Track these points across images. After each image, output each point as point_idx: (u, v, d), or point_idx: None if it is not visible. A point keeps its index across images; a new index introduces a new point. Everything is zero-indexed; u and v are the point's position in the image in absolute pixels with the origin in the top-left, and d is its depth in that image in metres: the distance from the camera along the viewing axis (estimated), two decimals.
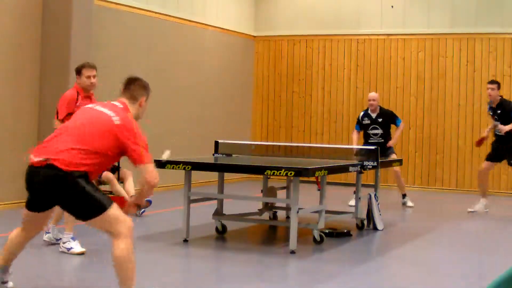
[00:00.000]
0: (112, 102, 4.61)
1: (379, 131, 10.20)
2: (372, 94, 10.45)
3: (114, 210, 4.38)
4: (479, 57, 12.95)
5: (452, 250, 7.43)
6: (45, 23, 9.44)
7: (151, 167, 4.51)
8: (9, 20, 9.12)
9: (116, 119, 4.40)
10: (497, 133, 9.71)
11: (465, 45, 13.05)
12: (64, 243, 6.34)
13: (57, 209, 6.00)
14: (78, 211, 4.39)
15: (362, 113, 10.47)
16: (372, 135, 10.22)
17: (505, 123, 9.50)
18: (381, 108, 10.39)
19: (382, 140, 10.09)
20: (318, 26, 14.14)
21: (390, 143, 10.16)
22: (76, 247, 6.32)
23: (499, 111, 9.60)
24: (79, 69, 6.74)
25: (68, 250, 6.30)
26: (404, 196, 10.50)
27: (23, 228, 4.66)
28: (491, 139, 10.03)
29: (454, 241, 8.00)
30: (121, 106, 4.56)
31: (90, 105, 4.81)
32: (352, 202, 9.53)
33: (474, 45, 12.98)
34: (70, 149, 4.32)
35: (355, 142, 10.22)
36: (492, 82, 9.85)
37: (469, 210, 10.04)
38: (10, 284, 4.79)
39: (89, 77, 6.67)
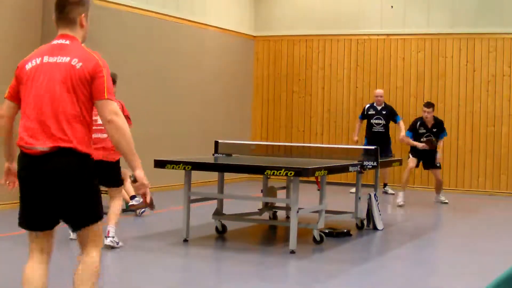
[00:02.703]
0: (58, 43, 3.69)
1: (382, 121, 11.67)
2: (380, 91, 11.94)
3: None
4: (479, 57, 12.95)
5: (452, 250, 7.44)
6: (45, 23, 9.44)
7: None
8: (10, 21, 9.12)
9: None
10: None
11: (465, 45, 13.05)
12: (113, 237, 6.54)
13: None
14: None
15: (368, 105, 11.88)
16: (375, 124, 11.57)
17: None
18: (385, 103, 11.92)
19: (383, 130, 11.62)
20: (318, 26, 14.15)
21: (402, 138, 11.02)
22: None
23: None
24: (114, 80, 6.53)
25: (118, 244, 6.58)
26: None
27: None
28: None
29: (454, 241, 8.01)
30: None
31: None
32: (353, 189, 9.65)
33: (474, 45, 12.99)
34: None
35: (357, 130, 12.03)
36: None
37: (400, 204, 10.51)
38: None
39: None
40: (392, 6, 13.52)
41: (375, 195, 8.24)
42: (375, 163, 7.81)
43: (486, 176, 12.85)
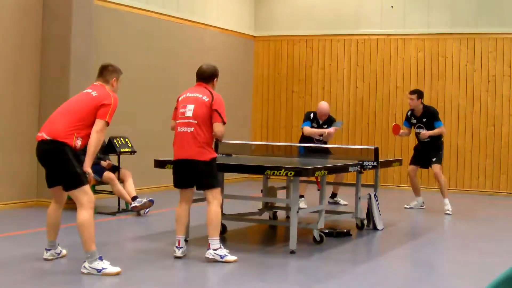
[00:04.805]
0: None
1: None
2: (325, 108, 9.95)
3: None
4: (479, 57, 12.95)
5: (452, 250, 7.44)
6: (45, 24, 9.45)
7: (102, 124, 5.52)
8: (10, 21, 9.12)
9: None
10: None
11: (465, 45, 13.05)
12: (215, 250, 6.06)
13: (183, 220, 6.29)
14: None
15: (312, 113, 10.03)
16: (315, 140, 9.90)
17: None
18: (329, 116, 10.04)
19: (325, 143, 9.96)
20: (318, 26, 14.15)
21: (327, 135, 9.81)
22: (230, 255, 6.10)
23: None
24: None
25: (222, 258, 6.04)
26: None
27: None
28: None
29: (454, 241, 8.01)
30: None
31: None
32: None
33: (474, 45, 12.99)
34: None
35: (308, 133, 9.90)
36: None
37: (406, 206, 10.44)
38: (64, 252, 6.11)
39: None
40: (392, 6, 13.53)
41: (375, 195, 8.24)
42: (375, 163, 7.82)
43: (486, 176, 12.85)
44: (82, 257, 5.55)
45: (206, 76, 6.50)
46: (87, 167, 5.51)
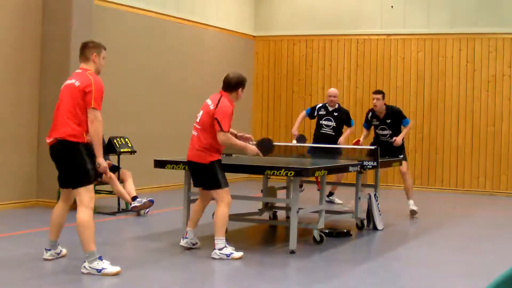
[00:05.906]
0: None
1: (332, 123, 10.21)
2: (333, 91, 10.40)
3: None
4: (479, 57, 12.95)
5: (451, 250, 7.44)
6: (45, 24, 9.45)
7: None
8: (10, 21, 9.12)
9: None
10: None
11: (465, 45, 13.05)
12: (220, 249, 6.23)
13: (195, 213, 6.57)
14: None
15: (320, 104, 10.52)
16: (324, 126, 10.25)
17: None
18: (339, 105, 10.43)
19: (333, 133, 10.21)
20: (318, 26, 14.15)
21: (341, 140, 10.18)
22: (236, 252, 6.29)
23: None
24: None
25: (228, 256, 6.22)
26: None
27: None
28: None
29: (454, 241, 8.01)
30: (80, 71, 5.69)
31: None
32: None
33: (474, 45, 12.99)
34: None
35: (297, 123, 10.44)
36: None
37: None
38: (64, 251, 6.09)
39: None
40: (392, 6, 13.53)
41: (375, 195, 8.24)
42: (375, 163, 7.81)
43: (486, 176, 12.85)
44: (82, 257, 5.55)
45: (232, 85, 6.63)
46: (99, 157, 5.54)
